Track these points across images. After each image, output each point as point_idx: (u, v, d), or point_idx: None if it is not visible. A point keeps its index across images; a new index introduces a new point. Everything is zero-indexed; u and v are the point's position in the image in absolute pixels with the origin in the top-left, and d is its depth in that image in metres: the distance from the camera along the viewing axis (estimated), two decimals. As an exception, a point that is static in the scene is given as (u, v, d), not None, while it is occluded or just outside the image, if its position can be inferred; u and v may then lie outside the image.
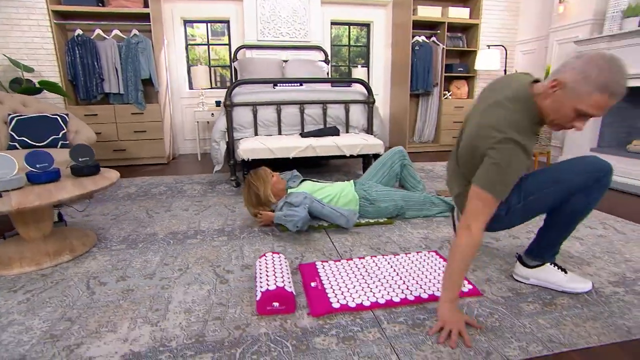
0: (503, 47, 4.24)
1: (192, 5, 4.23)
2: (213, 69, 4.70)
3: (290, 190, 2.02)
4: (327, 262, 1.53)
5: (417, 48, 4.35)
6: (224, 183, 3.03)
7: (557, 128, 1.07)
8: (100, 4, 3.60)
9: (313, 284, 1.33)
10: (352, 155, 2.69)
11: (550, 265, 1.32)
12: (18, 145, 2.41)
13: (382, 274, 1.40)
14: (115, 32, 3.70)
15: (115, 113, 3.72)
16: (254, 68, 3.98)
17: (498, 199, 1.05)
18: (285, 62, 4.21)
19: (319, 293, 1.27)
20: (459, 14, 4.35)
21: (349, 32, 4.91)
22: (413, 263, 1.50)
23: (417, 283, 1.33)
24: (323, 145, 2.58)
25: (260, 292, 1.19)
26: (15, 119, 2.46)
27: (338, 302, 1.22)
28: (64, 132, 2.60)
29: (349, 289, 1.30)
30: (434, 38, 4.46)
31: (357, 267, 1.47)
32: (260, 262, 1.39)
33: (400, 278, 1.37)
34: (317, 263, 1.51)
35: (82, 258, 1.64)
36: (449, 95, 4.66)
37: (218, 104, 4.27)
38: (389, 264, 1.48)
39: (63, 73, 3.56)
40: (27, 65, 3.38)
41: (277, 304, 1.17)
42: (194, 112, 4.12)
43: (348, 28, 4.89)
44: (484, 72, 4.67)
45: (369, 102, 2.95)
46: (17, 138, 2.43)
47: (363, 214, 2.04)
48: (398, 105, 4.70)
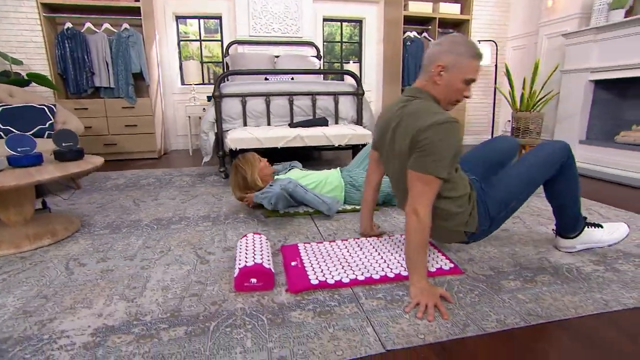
0: (494, 42, 4.26)
1: (184, 0, 4.22)
2: (205, 66, 4.69)
3: (277, 177, 2.02)
4: (309, 243, 1.52)
5: (408, 44, 4.37)
6: (214, 175, 3.01)
7: (452, 105, 1.18)
8: (91, -2, 3.59)
9: (293, 263, 1.33)
10: (340, 146, 2.69)
11: (588, 228, 1.39)
12: (3, 135, 2.39)
13: (363, 254, 1.39)
14: (106, 25, 3.69)
15: (106, 107, 3.70)
16: (246, 63, 3.98)
17: (439, 177, 1.07)
18: (277, 57, 4.21)
19: (299, 271, 1.26)
20: (450, 10, 4.37)
21: (342, 29, 4.92)
22: (395, 244, 1.49)
23: (398, 262, 1.33)
24: (311, 135, 2.57)
25: (238, 268, 1.18)
26: (1, 108, 2.44)
27: (317, 279, 1.21)
28: (51, 122, 2.58)
29: (329, 267, 1.29)
30: (425, 34, 4.48)
31: (339, 247, 1.46)
32: (241, 242, 1.38)
33: (382, 257, 1.37)
34: (299, 244, 1.50)
35: (63, 242, 1.62)
36: (441, 91, 4.67)
37: (210, 99, 4.26)
38: (372, 245, 1.47)
39: (53, 66, 3.54)
40: (15, 58, 3.36)
41: (254, 281, 1.16)
42: (186, 107, 4.11)
43: (340, 25, 4.91)
44: (476, 67, 4.69)
45: (358, 93, 2.95)
46: (1, 127, 2.41)
47: (349, 200, 2.03)
48: (390, 101, 4.71)
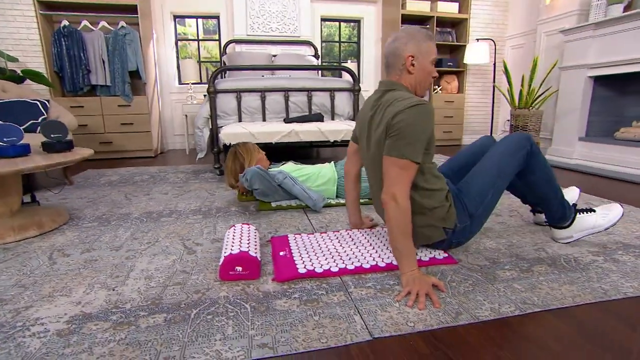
0: (492, 40, 4.24)
1: (182, 0, 4.22)
2: (204, 66, 4.68)
3: (270, 170, 1.99)
4: (299, 234, 1.48)
5: (407, 43, 4.35)
6: (208, 172, 2.98)
7: (427, 89, 1.24)
8: (88, -4, 3.58)
9: (282, 253, 1.29)
10: (336, 142, 2.65)
11: (580, 215, 1.36)
12: (-5, 130, 2.37)
13: (354, 245, 1.35)
14: (103, 23, 3.68)
15: (102, 105, 3.68)
16: (243, 62, 3.96)
17: (415, 161, 1.05)
18: (275, 56, 4.20)
19: (287, 261, 1.23)
20: (448, 9, 4.36)
21: (340, 29, 4.91)
22: (387, 234, 1.45)
23: (390, 252, 1.29)
24: (306, 131, 2.54)
25: (224, 256, 1.14)
26: (-7, 104, 2.42)
27: (305, 267, 1.17)
28: (44, 117, 2.56)
29: (318, 257, 1.25)
30: (424, 33, 4.46)
31: (330, 239, 1.42)
32: (229, 232, 1.34)
33: (373, 248, 1.32)
34: (289, 235, 1.46)
35: (50, 234, 1.59)
36: (439, 90, 4.65)
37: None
38: (364, 237, 1.43)
39: (49, 64, 3.53)
40: (10, 55, 3.35)
41: (240, 269, 1.12)
42: (183, 105, 4.09)
43: (339, 25, 4.90)
44: (474, 66, 4.67)
45: (355, 90, 2.93)
46: (-6, 122, 2.39)
47: (342, 194, 2.00)
48: (389, 101, 4.68)
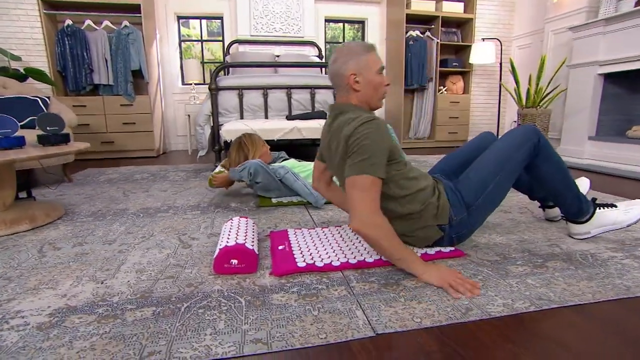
0: (498, 40, 4.18)
1: (185, 0, 4.21)
2: (207, 67, 4.66)
3: (272, 165, 1.94)
4: (300, 229, 1.42)
5: (411, 43, 4.31)
6: (209, 171, 2.93)
7: (381, 100, 1.14)
8: (92, -4, 3.59)
9: (281, 247, 1.22)
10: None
11: (600, 210, 1.28)
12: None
13: (357, 238, 1.29)
14: (106, 23, 3.68)
15: (104, 104, 3.66)
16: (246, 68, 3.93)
17: (377, 177, 0.97)
18: (278, 57, 4.17)
19: (285, 254, 1.16)
20: (453, 9, 4.31)
21: (344, 30, 4.88)
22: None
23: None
24: (309, 127, 2.49)
25: (219, 249, 1.08)
26: (-7, 100, 2.40)
27: (304, 261, 1.11)
28: (44, 114, 2.53)
29: (319, 251, 1.19)
30: (429, 33, 4.42)
31: (331, 233, 1.36)
32: (226, 225, 1.28)
33: (377, 242, 1.26)
34: (289, 230, 1.40)
35: (42, 228, 1.54)
36: (445, 91, 4.58)
37: (210, 98, 4.21)
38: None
39: (52, 63, 3.52)
40: (14, 54, 3.35)
41: (235, 262, 1.06)
42: (185, 105, 4.06)
43: (343, 26, 4.87)
44: (480, 66, 4.61)
45: (359, 87, 2.87)
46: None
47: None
48: (393, 102, 4.63)
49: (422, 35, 4.37)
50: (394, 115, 4.60)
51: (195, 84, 4.23)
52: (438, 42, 4.33)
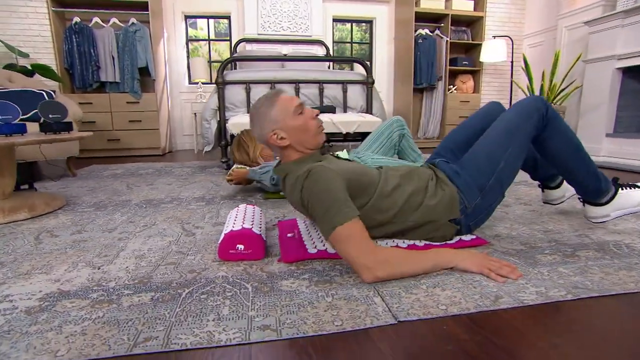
0: (509, 37, 4.10)
1: (193, 0, 4.20)
2: (214, 67, 4.64)
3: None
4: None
5: (420, 41, 4.24)
6: (216, 167, 2.88)
7: (319, 134, 1.05)
8: (100, -7, 3.59)
9: (290, 235, 1.15)
10: (348, 135, 2.52)
11: (623, 190, 1.17)
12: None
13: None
14: (114, 20, 3.67)
15: (111, 102, 3.64)
16: (253, 64, 3.89)
17: (350, 219, 0.85)
18: (285, 55, 4.13)
19: (295, 241, 1.09)
20: (463, 7, 4.25)
21: (352, 30, 4.84)
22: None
23: (411, 234, 1.13)
24: (318, 121, 2.42)
25: (224, 234, 1.01)
26: (-2, 92, 2.37)
27: (315, 248, 1.03)
28: (49, 107, 2.50)
29: (331, 238, 1.11)
30: (438, 31, 4.35)
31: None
32: (232, 212, 1.21)
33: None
34: (297, 218, 1.33)
35: (42, 217, 1.48)
36: (454, 90, 4.50)
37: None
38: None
39: (59, 61, 3.51)
40: (21, 51, 3.34)
41: (241, 247, 0.99)
42: (192, 104, 4.03)
43: (351, 26, 4.83)
44: (490, 65, 4.52)
45: (368, 82, 2.81)
46: (-3, 110, 2.33)
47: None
48: (402, 101, 4.56)
49: (431, 34, 4.30)
50: (403, 115, 4.51)
51: (203, 83, 4.20)
52: (448, 40, 4.26)
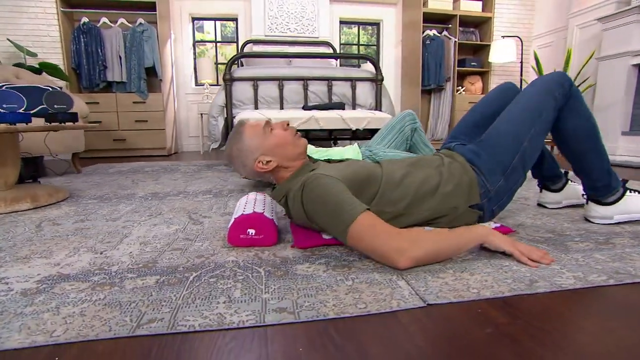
0: (519, 37, 4.05)
1: (200, 2, 4.21)
2: (220, 70, 4.63)
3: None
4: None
5: (428, 42, 4.20)
6: (222, 165, 2.83)
7: (302, 146, 1.01)
8: (108, -6, 3.60)
9: (302, 222, 1.08)
10: (358, 131, 2.47)
11: (630, 194, 1.10)
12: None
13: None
14: (122, 20, 3.67)
15: (117, 102, 3.63)
16: (260, 61, 3.88)
17: (361, 213, 0.79)
18: (293, 53, 4.11)
19: (309, 228, 1.02)
20: (471, 7, 4.22)
21: (359, 32, 4.82)
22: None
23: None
24: (327, 117, 2.37)
25: (234, 218, 0.95)
26: (4, 87, 2.35)
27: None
28: (55, 104, 2.48)
29: (346, 225, 1.04)
30: (446, 32, 4.32)
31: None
32: (241, 199, 1.15)
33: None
34: (310, 207, 1.26)
35: (45, 208, 1.44)
36: (463, 91, 4.45)
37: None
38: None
39: (67, 61, 3.51)
40: (29, 50, 3.35)
41: (252, 232, 0.93)
42: (198, 105, 4.01)
43: (357, 28, 4.81)
44: (499, 66, 4.47)
45: (377, 79, 2.76)
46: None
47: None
48: (409, 103, 4.51)
49: (439, 35, 4.27)
50: (410, 116, 4.47)
51: (209, 85, 4.19)
52: (456, 41, 4.22)
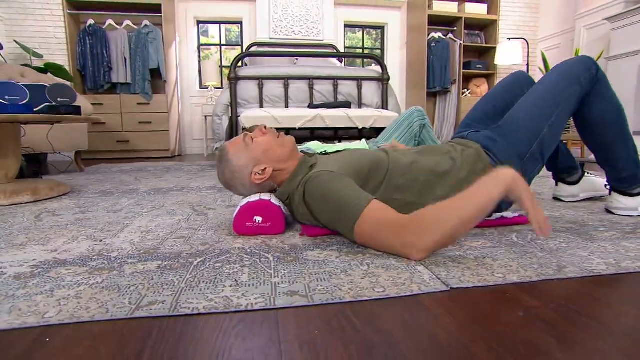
0: (525, 39, 4.03)
1: (205, 6, 4.23)
2: (224, 72, 4.63)
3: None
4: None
5: (433, 45, 4.19)
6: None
7: (286, 148, 0.96)
8: (114, -4, 3.62)
9: (311, 212, 1.04)
10: (364, 130, 2.43)
11: None
12: (9, 112, 2.28)
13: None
14: (127, 22, 3.69)
15: (121, 103, 3.62)
16: (265, 62, 3.87)
17: (367, 204, 0.74)
18: (297, 59, 4.11)
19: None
20: (476, 10, 4.20)
21: (363, 36, 4.82)
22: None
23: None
24: (333, 116, 2.34)
25: (240, 206, 0.91)
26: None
27: (342, 221, 0.92)
28: (59, 102, 2.46)
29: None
30: (451, 35, 4.30)
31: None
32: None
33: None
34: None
35: (45, 201, 1.40)
36: (468, 93, 4.41)
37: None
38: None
39: (72, 62, 3.52)
40: (35, 51, 3.36)
41: (260, 220, 0.89)
42: (202, 106, 4.00)
43: (362, 32, 4.81)
44: (505, 68, 4.44)
45: (383, 79, 2.73)
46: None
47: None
48: (414, 105, 4.48)
49: (444, 37, 4.25)
50: (416, 119, 4.43)
51: (214, 87, 4.18)
52: (461, 43, 4.20)
